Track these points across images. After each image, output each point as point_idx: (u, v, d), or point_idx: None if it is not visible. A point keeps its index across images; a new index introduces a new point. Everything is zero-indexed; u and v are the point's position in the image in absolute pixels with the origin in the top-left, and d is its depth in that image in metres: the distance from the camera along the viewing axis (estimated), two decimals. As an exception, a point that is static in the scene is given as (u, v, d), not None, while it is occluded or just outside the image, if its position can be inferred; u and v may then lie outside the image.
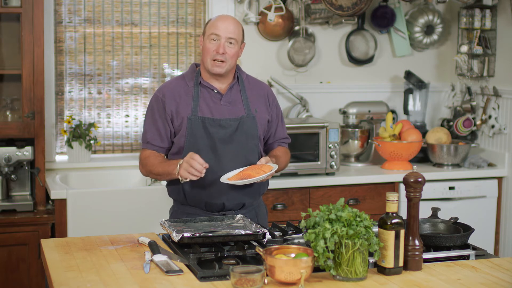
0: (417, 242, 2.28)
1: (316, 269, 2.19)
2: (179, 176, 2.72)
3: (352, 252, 2.13)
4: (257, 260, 2.36)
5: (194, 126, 2.82)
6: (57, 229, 3.58)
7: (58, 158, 4.16)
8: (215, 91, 2.87)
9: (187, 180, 2.71)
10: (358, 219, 2.18)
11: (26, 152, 3.69)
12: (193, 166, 2.65)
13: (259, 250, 2.20)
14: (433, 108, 4.75)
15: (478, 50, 4.37)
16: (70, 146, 4.08)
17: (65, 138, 4.12)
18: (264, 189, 2.98)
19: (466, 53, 4.43)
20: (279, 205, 3.86)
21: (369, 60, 4.57)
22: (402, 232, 2.23)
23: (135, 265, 2.28)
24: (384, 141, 4.23)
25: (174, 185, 2.89)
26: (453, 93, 4.64)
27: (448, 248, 2.46)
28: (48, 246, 2.50)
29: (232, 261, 2.33)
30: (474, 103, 4.49)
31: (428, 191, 4.04)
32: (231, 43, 2.82)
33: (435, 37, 4.65)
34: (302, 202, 3.91)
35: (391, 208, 2.23)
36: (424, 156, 4.42)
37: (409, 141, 4.21)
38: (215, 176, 2.79)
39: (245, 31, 4.34)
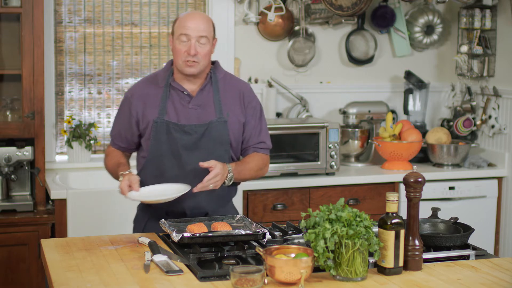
0: (417, 242, 2.28)
1: (316, 269, 2.19)
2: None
3: (352, 252, 2.13)
4: (257, 260, 2.36)
5: (159, 130, 2.71)
6: (57, 229, 3.58)
7: (58, 158, 4.16)
8: (185, 93, 2.74)
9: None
10: (358, 219, 2.18)
11: (26, 152, 3.69)
12: (123, 192, 2.61)
13: (259, 250, 2.20)
14: (433, 108, 4.75)
15: (478, 50, 4.37)
16: (70, 146, 4.08)
17: (65, 138, 4.12)
18: (232, 195, 2.87)
19: (466, 53, 4.43)
20: (279, 205, 3.86)
21: (369, 60, 4.57)
22: (402, 232, 2.23)
23: (135, 265, 2.28)
24: (384, 141, 4.23)
25: None
26: (453, 93, 4.64)
27: (448, 248, 2.46)
28: (48, 246, 2.50)
29: (232, 261, 2.33)
30: (474, 103, 4.49)
31: (428, 191, 4.04)
32: (202, 42, 2.67)
33: (435, 37, 4.65)
34: (302, 202, 3.91)
35: (391, 208, 2.23)
36: (424, 156, 4.42)
37: (409, 141, 4.21)
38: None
39: (245, 31, 4.39)
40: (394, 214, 2.22)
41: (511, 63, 4.30)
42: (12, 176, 3.72)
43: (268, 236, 2.45)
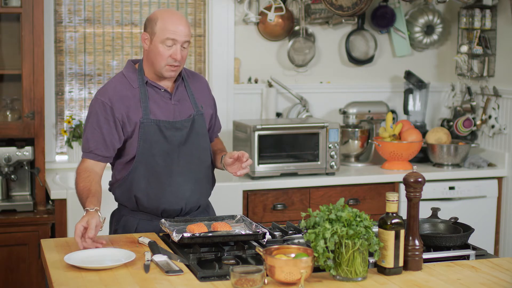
0: (417, 242, 2.28)
1: (316, 269, 2.19)
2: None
3: (352, 252, 2.13)
4: (257, 260, 2.36)
5: (148, 130, 2.66)
6: (57, 229, 3.58)
7: (58, 158, 4.16)
8: (163, 90, 2.73)
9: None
10: (358, 219, 2.18)
11: (26, 152, 3.69)
12: (75, 234, 2.39)
13: (259, 250, 2.20)
14: (433, 108, 4.75)
15: (478, 50, 4.37)
16: (70, 146, 4.08)
17: (65, 138, 4.12)
18: (212, 188, 2.90)
19: (466, 53, 4.43)
20: (279, 205, 3.86)
21: (369, 60, 4.57)
22: (402, 232, 2.23)
23: (135, 265, 2.28)
24: (384, 141, 4.23)
25: (122, 190, 2.75)
26: (453, 93, 4.64)
27: (448, 248, 2.46)
28: (48, 246, 2.50)
29: (232, 261, 2.33)
30: (474, 103, 4.49)
31: (428, 191, 4.04)
32: (185, 46, 2.68)
33: (435, 37, 4.65)
34: (302, 202, 3.91)
35: (391, 208, 2.23)
36: (424, 156, 4.42)
37: (409, 141, 4.21)
38: (172, 181, 2.71)
39: (245, 31, 4.40)
40: (394, 214, 2.22)
41: (511, 63, 4.30)
42: (12, 176, 3.72)
43: (268, 236, 2.45)
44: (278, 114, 4.40)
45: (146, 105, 2.69)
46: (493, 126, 4.37)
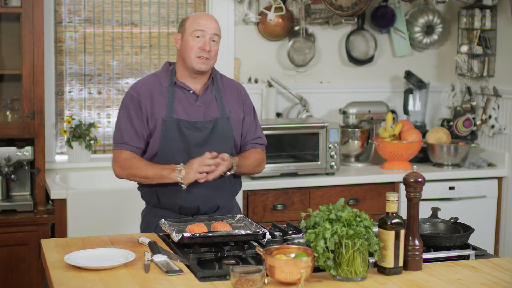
0: (417, 242, 2.28)
1: (316, 269, 2.19)
2: (181, 181, 2.69)
3: (352, 252, 2.13)
4: (257, 260, 2.36)
5: (168, 128, 2.76)
6: (57, 229, 3.58)
7: (58, 158, 4.16)
8: (191, 92, 2.81)
9: (189, 183, 2.70)
10: (358, 219, 2.18)
11: (26, 152, 3.69)
12: (205, 164, 2.65)
13: (259, 250, 2.20)
14: (433, 108, 4.75)
15: (478, 50, 4.37)
16: (70, 146, 4.08)
17: (65, 138, 4.12)
18: (237, 190, 2.94)
19: (466, 53, 4.43)
20: (279, 205, 3.86)
21: (369, 60, 4.57)
22: (402, 232, 2.23)
23: (135, 265, 2.28)
24: (384, 141, 4.23)
25: (147, 187, 2.84)
26: (453, 93, 4.64)
27: (448, 248, 2.46)
28: (48, 246, 2.50)
29: (232, 261, 2.33)
30: (474, 103, 4.49)
31: (428, 191, 4.04)
32: (214, 40, 2.77)
33: (435, 37, 4.65)
34: (302, 202, 3.91)
35: (391, 208, 2.23)
36: (424, 156, 4.42)
37: (409, 141, 4.21)
38: None
39: (245, 31, 4.40)
40: (394, 214, 2.22)
41: (511, 63, 4.30)
42: (12, 176, 3.72)
43: (268, 236, 2.45)
44: (278, 114, 4.40)
45: (171, 104, 2.77)
46: (493, 126, 4.37)
